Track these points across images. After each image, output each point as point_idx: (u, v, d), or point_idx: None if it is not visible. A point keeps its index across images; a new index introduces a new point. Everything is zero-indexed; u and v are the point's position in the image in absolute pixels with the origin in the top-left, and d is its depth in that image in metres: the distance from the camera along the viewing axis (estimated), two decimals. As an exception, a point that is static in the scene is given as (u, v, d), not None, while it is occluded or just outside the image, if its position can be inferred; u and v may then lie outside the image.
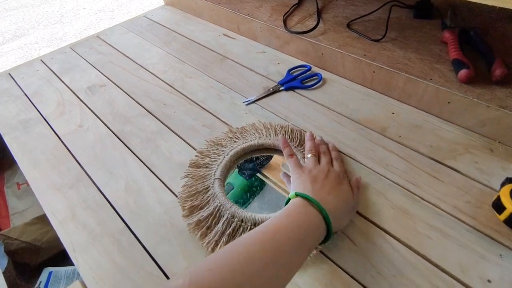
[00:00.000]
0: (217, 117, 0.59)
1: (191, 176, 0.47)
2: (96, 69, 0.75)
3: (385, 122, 0.55)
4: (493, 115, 0.49)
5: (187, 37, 0.82)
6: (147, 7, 2.90)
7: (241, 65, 0.71)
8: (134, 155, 0.54)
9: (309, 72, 0.67)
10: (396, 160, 0.49)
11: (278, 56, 0.73)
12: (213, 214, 0.41)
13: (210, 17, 0.86)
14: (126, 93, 0.67)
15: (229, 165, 0.47)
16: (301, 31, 0.67)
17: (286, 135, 0.52)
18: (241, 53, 0.75)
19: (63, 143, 0.57)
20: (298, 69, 0.68)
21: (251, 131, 0.53)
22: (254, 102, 0.62)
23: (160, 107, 0.63)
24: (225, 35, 0.82)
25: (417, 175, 0.47)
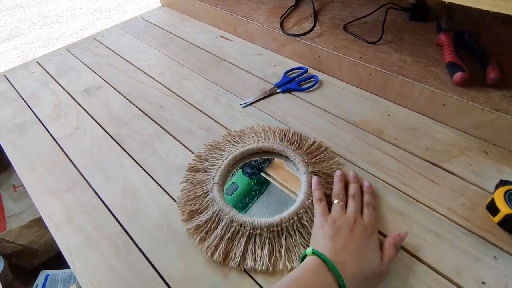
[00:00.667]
0: (214, 119, 0.59)
1: (190, 180, 0.47)
2: (92, 71, 0.74)
3: (381, 124, 0.56)
4: (487, 118, 0.49)
5: (184, 39, 0.82)
6: (144, 7, 2.89)
7: (238, 67, 0.71)
8: (130, 158, 0.54)
9: (305, 74, 0.67)
10: (392, 162, 0.49)
11: (275, 58, 0.73)
12: (212, 218, 0.41)
13: (207, 19, 0.86)
14: (122, 95, 0.67)
15: (228, 170, 0.48)
16: (298, 33, 0.68)
17: (285, 139, 0.52)
18: (238, 55, 0.75)
19: (60, 146, 0.57)
20: (294, 71, 0.68)
21: (249, 134, 0.53)
22: (251, 104, 0.62)
23: (157, 110, 0.63)
24: (222, 37, 0.82)
25: (413, 178, 0.47)
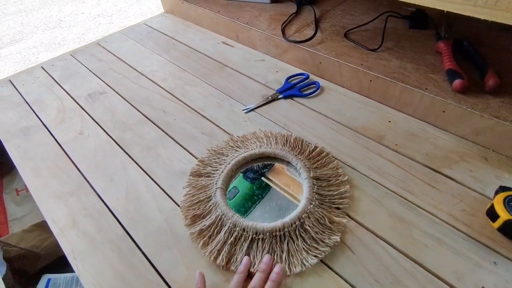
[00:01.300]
0: (216, 125, 0.60)
1: (193, 185, 0.48)
2: (96, 76, 0.75)
3: (382, 130, 0.56)
4: (486, 124, 0.50)
5: (186, 45, 0.83)
6: (145, 12, 2.92)
7: (240, 73, 0.72)
8: (134, 163, 0.55)
9: (307, 80, 0.68)
10: (392, 168, 0.50)
11: (276, 64, 0.74)
12: (215, 223, 0.42)
13: (209, 25, 0.88)
14: (126, 100, 0.67)
15: (230, 174, 0.48)
16: (299, 40, 0.69)
17: (287, 144, 0.52)
18: (240, 61, 0.76)
19: (64, 151, 0.58)
20: (296, 77, 0.69)
21: (252, 139, 0.54)
22: (253, 110, 0.63)
23: (160, 115, 0.63)
24: (224, 43, 0.83)
25: (414, 183, 0.48)
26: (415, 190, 0.47)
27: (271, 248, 0.40)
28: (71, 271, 0.44)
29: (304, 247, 0.40)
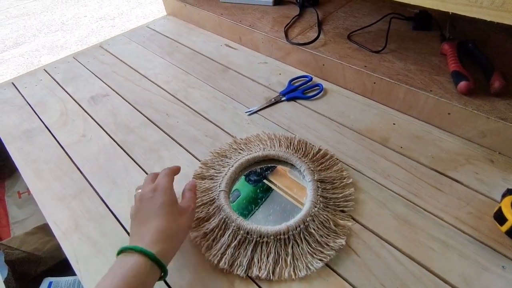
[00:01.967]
0: (220, 127, 0.60)
1: (196, 188, 0.47)
2: (99, 78, 0.75)
3: (387, 132, 0.56)
4: (493, 127, 0.49)
5: (189, 48, 0.83)
6: (148, 15, 2.93)
7: (243, 75, 0.72)
8: (137, 165, 0.54)
9: (310, 82, 0.68)
10: (398, 170, 0.50)
11: (279, 66, 0.74)
12: (219, 226, 0.41)
13: (212, 28, 0.88)
14: (129, 103, 0.67)
15: (234, 177, 0.48)
16: (302, 42, 0.68)
17: (291, 146, 0.52)
18: (243, 63, 0.76)
19: (66, 153, 0.58)
20: (299, 79, 0.69)
21: (255, 142, 0.54)
22: (256, 112, 0.62)
23: (163, 117, 0.63)
24: (227, 45, 0.83)
25: (419, 186, 0.47)
26: (420, 192, 0.46)
27: (275, 251, 0.39)
28: (72, 274, 0.43)
29: (309, 250, 0.40)
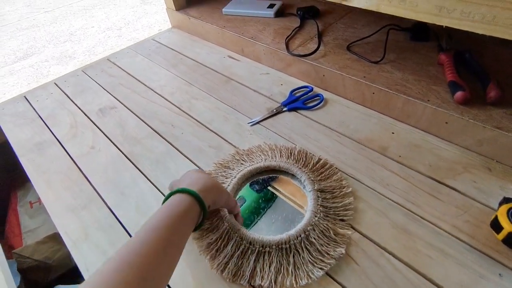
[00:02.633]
0: (223, 138, 0.62)
1: None
2: (107, 91, 0.78)
3: (385, 141, 0.57)
4: (489, 135, 0.50)
5: (193, 59, 0.86)
6: (153, 25, 2.98)
7: (245, 86, 0.74)
8: (144, 176, 0.56)
9: (311, 93, 0.70)
10: (396, 179, 0.51)
11: (281, 77, 0.76)
12: (222, 237, 0.43)
13: (215, 40, 0.90)
14: (135, 114, 0.70)
15: (236, 188, 0.49)
16: (303, 54, 0.70)
17: (291, 157, 0.53)
18: (246, 74, 0.78)
19: (76, 165, 0.60)
20: (300, 90, 0.71)
21: (257, 153, 0.55)
22: (258, 123, 0.64)
23: (168, 128, 0.65)
24: (230, 57, 0.85)
25: (417, 195, 0.48)
26: (419, 201, 0.47)
27: (277, 261, 0.41)
28: (82, 281, 0.45)
29: (309, 259, 0.41)
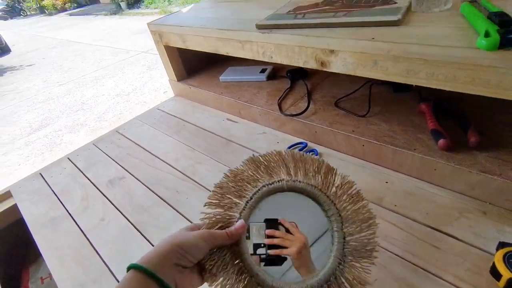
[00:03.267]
0: (225, 200, 0.65)
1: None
2: (116, 162, 0.83)
3: (381, 192, 0.59)
4: (477, 180, 0.52)
5: (195, 125, 0.92)
6: (159, 88, 3.19)
7: (244, 147, 0.79)
8: (150, 245, 0.58)
9: (306, 148, 0.74)
10: (394, 230, 0.52)
11: (277, 135, 0.81)
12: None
13: (214, 105, 0.97)
14: (142, 183, 0.74)
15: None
16: (295, 113, 0.76)
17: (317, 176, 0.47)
18: (244, 135, 0.83)
19: (87, 239, 0.63)
20: (296, 146, 0.75)
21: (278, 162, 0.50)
22: (258, 182, 0.67)
23: (173, 194, 0.69)
24: (228, 119, 0.91)
25: (416, 245, 0.49)
26: (418, 251, 0.48)
27: None
28: None
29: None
